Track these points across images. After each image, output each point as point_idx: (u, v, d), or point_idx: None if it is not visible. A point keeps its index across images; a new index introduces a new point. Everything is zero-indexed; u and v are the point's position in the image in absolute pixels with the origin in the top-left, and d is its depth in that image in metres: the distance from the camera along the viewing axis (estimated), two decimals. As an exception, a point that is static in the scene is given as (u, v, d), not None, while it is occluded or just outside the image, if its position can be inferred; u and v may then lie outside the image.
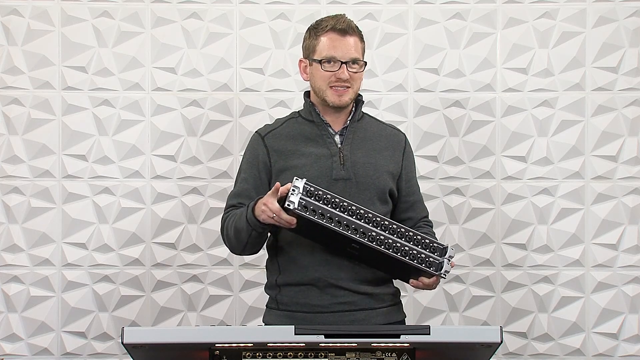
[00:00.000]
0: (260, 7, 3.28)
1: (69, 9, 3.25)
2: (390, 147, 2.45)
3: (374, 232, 2.15)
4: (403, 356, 1.99)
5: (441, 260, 2.20)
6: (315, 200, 2.12)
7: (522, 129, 3.26)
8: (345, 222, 2.13)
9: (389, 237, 2.16)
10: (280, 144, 2.40)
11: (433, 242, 2.21)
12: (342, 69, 2.33)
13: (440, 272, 2.19)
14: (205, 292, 3.25)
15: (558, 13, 3.28)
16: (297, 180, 2.12)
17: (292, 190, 2.11)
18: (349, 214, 2.15)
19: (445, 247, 2.21)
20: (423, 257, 2.18)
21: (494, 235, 3.26)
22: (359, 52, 2.37)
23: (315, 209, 2.11)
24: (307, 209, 2.11)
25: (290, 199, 2.10)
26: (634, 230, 3.25)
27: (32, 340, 3.22)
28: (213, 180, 3.26)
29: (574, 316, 3.24)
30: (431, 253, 2.20)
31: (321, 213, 2.12)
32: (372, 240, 2.15)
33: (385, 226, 2.17)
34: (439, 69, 3.28)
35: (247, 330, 1.98)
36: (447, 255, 2.20)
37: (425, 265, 2.18)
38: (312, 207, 2.11)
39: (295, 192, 2.10)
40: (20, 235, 3.22)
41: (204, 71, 3.27)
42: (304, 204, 2.11)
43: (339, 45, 2.35)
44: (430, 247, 2.20)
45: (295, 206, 2.09)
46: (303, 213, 2.10)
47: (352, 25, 2.38)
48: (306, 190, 2.12)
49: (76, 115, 3.24)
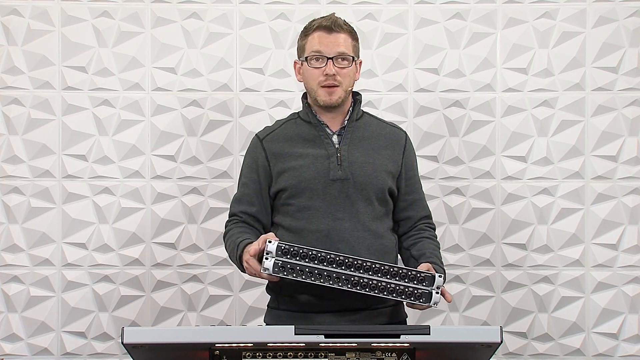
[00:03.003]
0: (260, 7, 3.28)
1: (69, 9, 3.25)
2: (389, 145, 2.45)
3: (356, 277, 2.16)
4: (403, 356, 1.99)
5: (430, 290, 2.18)
6: (292, 257, 2.15)
7: (522, 129, 3.26)
8: (325, 273, 2.15)
9: (372, 279, 2.16)
10: (279, 147, 2.41)
11: (420, 273, 2.19)
12: (329, 64, 2.33)
13: (430, 303, 2.18)
14: (205, 292, 3.25)
15: (558, 13, 3.28)
16: (269, 244, 2.14)
17: (265, 255, 2.14)
18: (327, 264, 2.16)
19: (433, 276, 2.19)
20: (411, 290, 2.17)
21: (494, 235, 3.27)
22: (347, 47, 2.36)
23: (293, 267, 2.15)
24: (284, 269, 2.14)
25: (265, 265, 2.14)
26: (634, 230, 3.25)
27: (32, 340, 3.22)
28: (213, 180, 3.26)
29: (574, 316, 3.24)
30: (419, 284, 2.18)
31: (299, 270, 2.15)
32: (355, 285, 2.15)
33: (367, 267, 2.16)
34: (439, 69, 3.28)
35: (247, 330, 1.98)
36: (435, 286, 2.18)
37: (413, 299, 2.18)
38: (289, 265, 2.14)
39: (268, 257, 2.14)
40: (20, 235, 3.22)
41: (204, 71, 3.27)
42: (280, 264, 2.14)
43: (325, 41, 2.35)
44: (418, 278, 2.18)
45: (270, 272, 2.14)
46: (280, 275, 2.14)
47: (339, 22, 2.37)
48: (281, 250, 2.14)
49: (76, 115, 3.24)
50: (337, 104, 2.38)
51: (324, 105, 2.38)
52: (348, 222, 2.34)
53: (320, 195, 2.34)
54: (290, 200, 2.36)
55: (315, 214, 2.34)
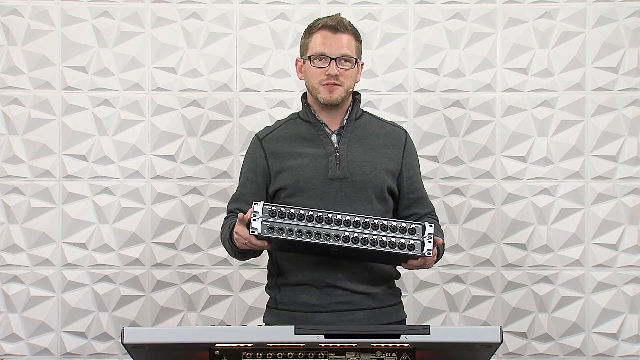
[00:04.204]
0: (260, 7, 3.28)
1: (69, 9, 3.25)
2: (389, 144, 2.45)
3: (346, 232, 2.16)
4: (403, 356, 1.99)
5: (422, 239, 2.18)
6: (280, 218, 2.15)
7: (522, 129, 3.26)
8: (315, 230, 2.15)
9: (362, 232, 2.17)
10: (278, 146, 2.41)
11: (410, 224, 2.19)
12: (331, 65, 2.34)
13: (423, 251, 2.18)
14: (205, 292, 3.25)
15: (558, 13, 3.28)
16: (256, 204, 2.14)
17: (252, 216, 2.14)
18: (316, 222, 2.16)
19: (424, 226, 2.18)
20: (402, 241, 2.18)
21: (494, 235, 3.26)
22: (351, 49, 2.37)
23: (282, 227, 2.15)
24: (273, 229, 2.14)
25: (253, 226, 2.14)
26: (634, 230, 3.25)
27: (32, 340, 3.22)
28: (213, 180, 3.26)
29: (574, 316, 3.24)
30: (410, 235, 2.19)
31: (288, 229, 2.15)
32: (345, 240, 2.16)
33: (356, 222, 2.17)
34: (439, 69, 3.28)
35: (247, 330, 1.98)
36: (427, 233, 2.18)
37: (407, 249, 2.18)
38: (278, 226, 2.15)
39: (256, 218, 2.14)
40: (20, 235, 3.22)
41: (204, 71, 3.27)
42: (268, 225, 2.14)
43: (329, 41, 2.35)
44: (409, 230, 2.19)
45: (258, 231, 2.14)
46: (270, 235, 2.14)
47: (344, 23, 2.37)
48: (268, 211, 2.15)
49: (76, 115, 3.24)
50: (336, 102, 2.38)
51: (324, 103, 2.38)
52: (346, 222, 2.34)
53: (319, 195, 2.34)
54: (288, 199, 2.36)
55: (314, 213, 2.34)
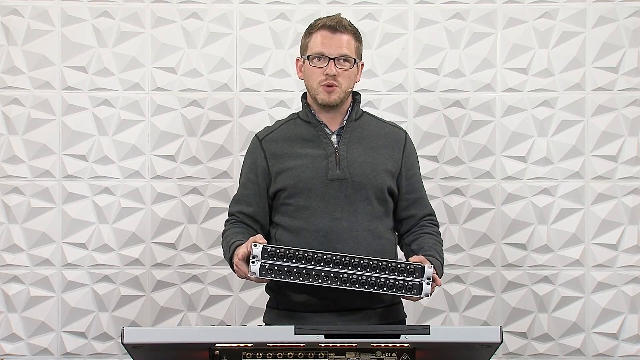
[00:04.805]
0: (260, 7, 3.28)
1: (69, 9, 3.25)
2: (389, 145, 2.44)
3: (344, 274, 2.16)
4: (403, 356, 1.99)
5: (420, 281, 2.17)
6: (278, 259, 2.15)
7: (522, 129, 3.26)
8: (313, 272, 2.15)
9: (361, 274, 2.16)
10: (277, 147, 2.41)
11: (409, 265, 2.18)
12: (330, 65, 2.33)
13: (421, 295, 2.17)
14: (205, 292, 3.25)
15: (558, 13, 3.28)
16: (255, 248, 2.14)
17: (251, 259, 2.14)
18: (314, 263, 2.15)
19: (423, 267, 2.17)
20: (401, 283, 2.16)
21: (494, 235, 3.27)
22: (350, 49, 2.36)
23: (281, 269, 2.15)
24: (271, 271, 2.14)
25: (251, 270, 2.14)
26: (634, 230, 3.25)
27: (32, 340, 3.22)
28: (213, 180, 3.26)
29: (574, 316, 3.24)
30: (409, 276, 2.17)
31: (287, 271, 2.15)
32: (344, 282, 2.15)
33: (355, 264, 2.16)
34: (439, 69, 3.28)
35: (247, 330, 1.98)
36: (425, 277, 2.17)
37: (404, 291, 2.17)
38: (277, 267, 2.14)
39: (255, 261, 2.14)
40: (20, 235, 3.22)
41: (204, 71, 3.27)
42: (267, 267, 2.14)
43: (328, 41, 2.35)
44: (408, 270, 2.17)
45: (257, 276, 2.14)
46: (268, 278, 2.15)
47: (344, 23, 2.37)
48: (267, 253, 2.14)
49: (76, 115, 3.24)
50: (335, 103, 2.38)
51: (322, 104, 2.38)
52: (346, 222, 2.33)
53: (319, 195, 2.34)
54: (288, 200, 2.36)
55: (314, 214, 2.34)
